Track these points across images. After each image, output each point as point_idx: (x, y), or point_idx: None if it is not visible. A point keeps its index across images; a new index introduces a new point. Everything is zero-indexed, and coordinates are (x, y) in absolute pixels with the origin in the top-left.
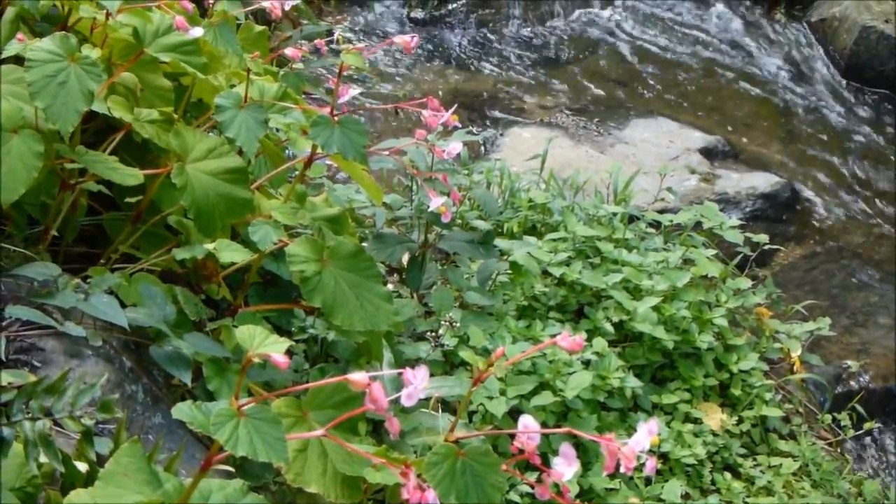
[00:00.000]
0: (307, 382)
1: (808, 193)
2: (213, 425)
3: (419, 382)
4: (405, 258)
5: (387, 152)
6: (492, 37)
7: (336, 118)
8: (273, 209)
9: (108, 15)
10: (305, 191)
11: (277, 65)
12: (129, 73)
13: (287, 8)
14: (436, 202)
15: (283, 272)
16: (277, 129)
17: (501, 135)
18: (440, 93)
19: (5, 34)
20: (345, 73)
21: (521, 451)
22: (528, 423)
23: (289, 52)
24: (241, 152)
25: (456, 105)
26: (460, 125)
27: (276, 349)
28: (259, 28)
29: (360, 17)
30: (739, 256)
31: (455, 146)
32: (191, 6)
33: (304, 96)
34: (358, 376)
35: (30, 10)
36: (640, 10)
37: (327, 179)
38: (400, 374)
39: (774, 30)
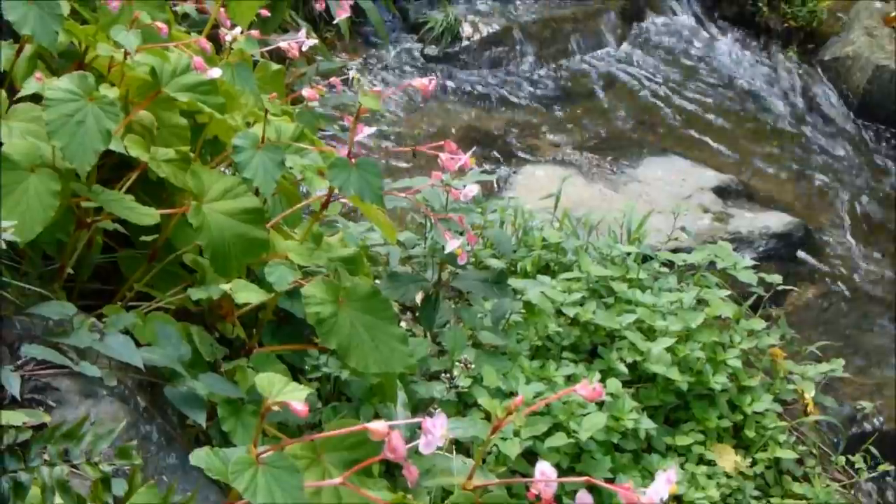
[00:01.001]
0: (320, 421)
1: (821, 233)
2: (232, 473)
3: (438, 431)
4: (419, 297)
5: (403, 195)
6: (505, 74)
7: (353, 160)
8: (289, 250)
9: (126, 54)
10: (322, 231)
11: (293, 102)
12: (145, 111)
13: (304, 49)
14: (452, 244)
15: (296, 310)
16: (291, 167)
17: (515, 172)
18: (453, 130)
19: (23, 71)
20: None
21: (538, 498)
22: (545, 469)
23: (306, 93)
24: (257, 192)
25: (471, 145)
26: (476, 166)
27: (295, 397)
28: (275, 67)
29: (374, 54)
30: (753, 297)
31: (472, 188)
32: (209, 46)
33: (318, 132)
34: (377, 425)
35: (48, 47)
36: (654, 49)
37: (341, 216)
38: (417, 422)
39: (787, 68)
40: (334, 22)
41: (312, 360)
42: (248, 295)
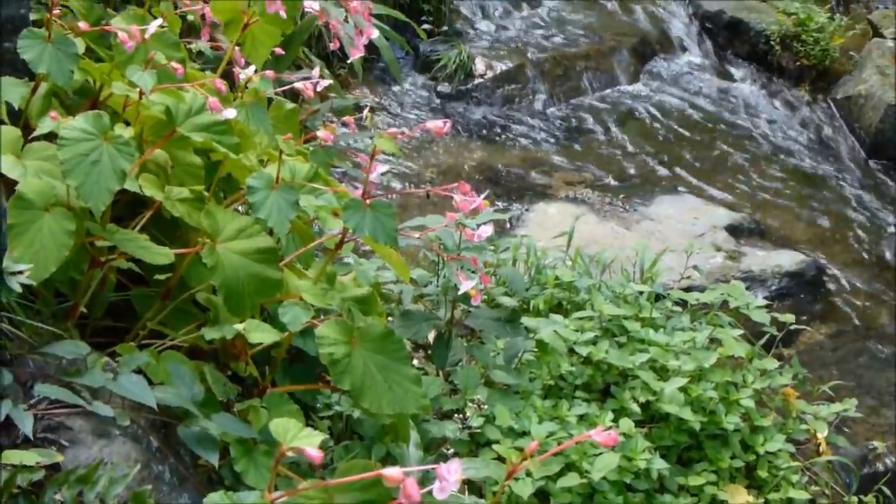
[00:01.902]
0: (332, 460)
1: (833, 272)
2: None
3: (452, 477)
4: (431, 335)
5: (417, 235)
6: (518, 112)
7: (367, 201)
8: (303, 290)
9: (141, 94)
10: (335, 271)
11: (306, 140)
12: (160, 150)
13: (319, 89)
14: (466, 285)
15: (309, 348)
16: (305, 207)
17: (527, 210)
18: (466, 166)
19: (38, 108)
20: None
21: None
22: None
23: (321, 134)
24: (271, 232)
25: (483, 182)
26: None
27: (309, 442)
28: (290, 106)
29: (387, 91)
30: (766, 337)
31: (485, 229)
32: (224, 86)
33: (331, 168)
34: (392, 472)
35: (63, 86)
36: (666, 87)
37: (353, 253)
38: (431, 467)
39: (800, 107)
40: (349, 61)
41: (325, 399)
42: (261, 335)
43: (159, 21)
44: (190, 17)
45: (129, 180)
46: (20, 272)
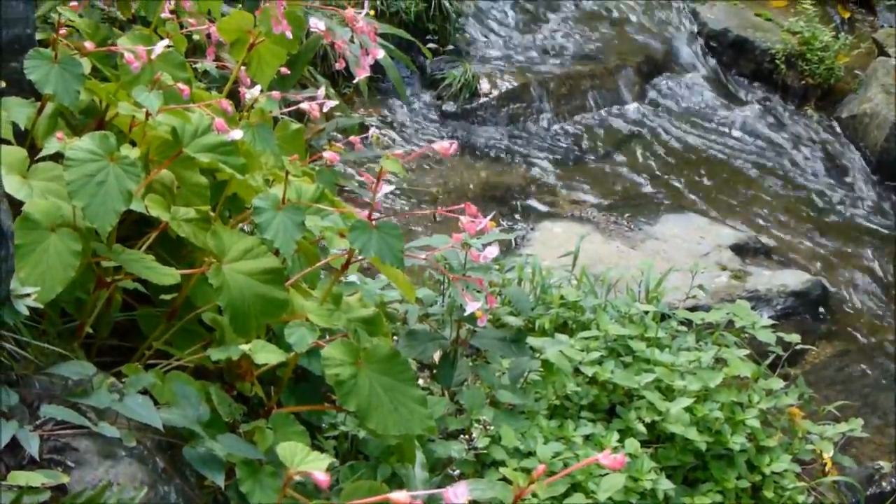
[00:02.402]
0: (338, 480)
1: (838, 291)
2: None
3: (459, 500)
4: (437, 355)
5: (423, 256)
6: (522, 131)
7: (373, 222)
8: (309, 311)
9: (147, 114)
10: (341, 291)
11: (312, 158)
12: (166, 170)
13: (325, 110)
14: (472, 306)
15: (314, 367)
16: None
17: (532, 229)
18: (471, 185)
19: (44, 128)
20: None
21: None
22: None
23: (327, 155)
24: (277, 252)
25: (488, 201)
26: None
27: (316, 466)
28: (295, 126)
29: (392, 109)
30: (772, 357)
31: (492, 250)
32: (230, 107)
33: (336, 187)
34: (399, 496)
35: (69, 107)
36: (671, 105)
37: (358, 272)
38: (438, 491)
39: (805, 125)
40: (354, 81)
41: (330, 418)
42: (267, 356)
43: (165, 42)
44: (196, 37)
45: (136, 201)
46: (27, 295)
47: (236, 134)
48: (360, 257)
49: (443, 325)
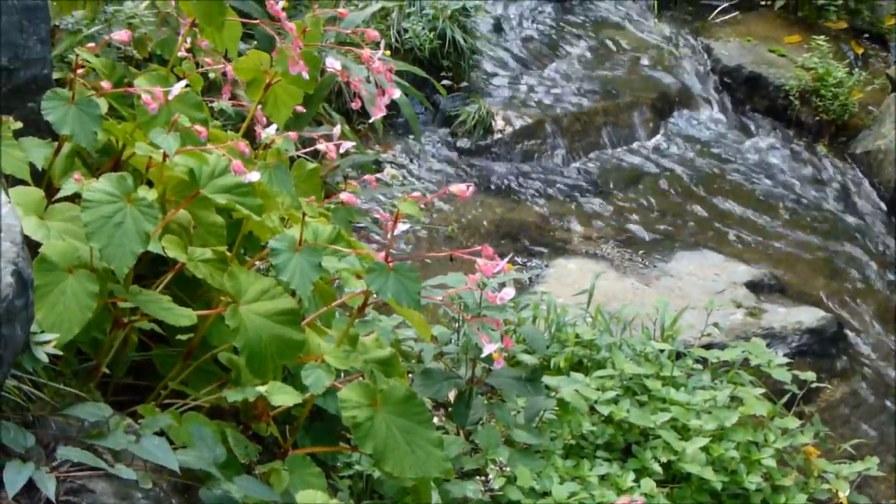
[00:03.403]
0: None
1: (853, 328)
2: None
3: None
4: (452, 394)
5: (439, 298)
6: (537, 167)
7: (390, 264)
8: (326, 353)
9: (164, 155)
10: (357, 332)
11: (327, 195)
12: (183, 210)
13: (342, 151)
14: (489, 348)
15: (329, 406)
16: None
17: (547, 266)
18: (485, 222)
19: (61, 168)
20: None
21: None
22: None
23: (344, 197)
24: (293, 292)
25: (503, 238)
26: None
27: None
28: (311, 166)
29: (406, 146)
30: (788, 396)
31: (508, 292)
32: (248, 150)
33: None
34: None
35: (86, 148)
36: (685, 142)
37: (373, 309)
38: None
39: (819, 162)
40: (370, 121)
41: (345, 458)
42: (283, 398)
43: (183, 83)
44: (211, 75)
45: (153, 241)
46: (47, 342)
47: (253, 176)
48: (377, 299)
49: (458, 363)
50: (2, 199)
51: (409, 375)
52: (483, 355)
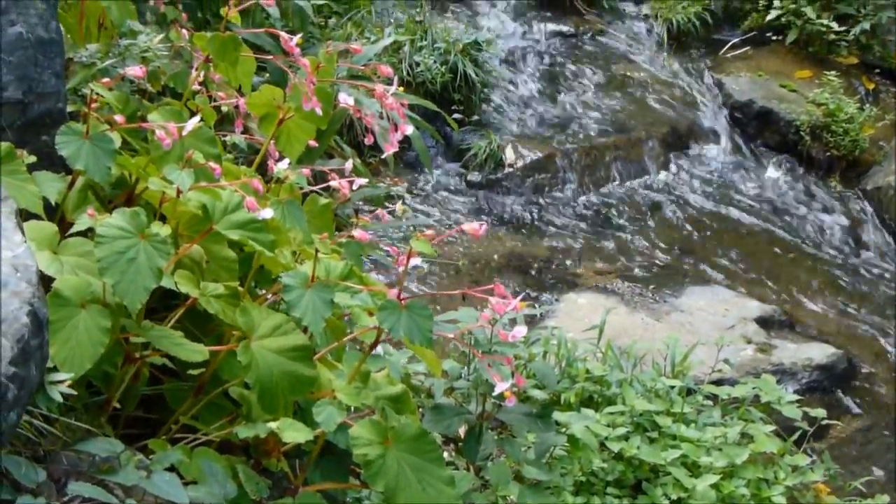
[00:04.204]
0: None
1: (863, 364)
2: None
3: None
4: (462, 429)
5: (451, 336)
6: (547, 201)
7: (403, 302)
8: (338, 390)
9: (178, 191)
10: (369, 369)
11: (338, 227)
12: (196, 245)
13: (355, 188)
14: (500, 387)
15: (340, 441)
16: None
17: (557, 300)
18: (495, 256)
19: (74, 202)
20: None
21: None
22: None
23: (357, 234)
24: (306, 329)
25: (513, 272)
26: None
27: None
28: (323, 201)
29: (417, 179)
30: (798, 433)
31: (520, 330)
32: (261, 187)
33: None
34: None
35: (100, 182)
36: (696, 176)
37: (383, 343)
38: None
39: (829, 197)
40: (383, 157)
41: (355, 494)
42: (295, 434)
43: (196, 119)
44: (224, 108)
45: (165, 276)
46: (61, 381)
47: (267, 213)
48: (389, 337)
49: (468, 398)
50: (17, 239)
51: (420, 410)
52: (495, 394)
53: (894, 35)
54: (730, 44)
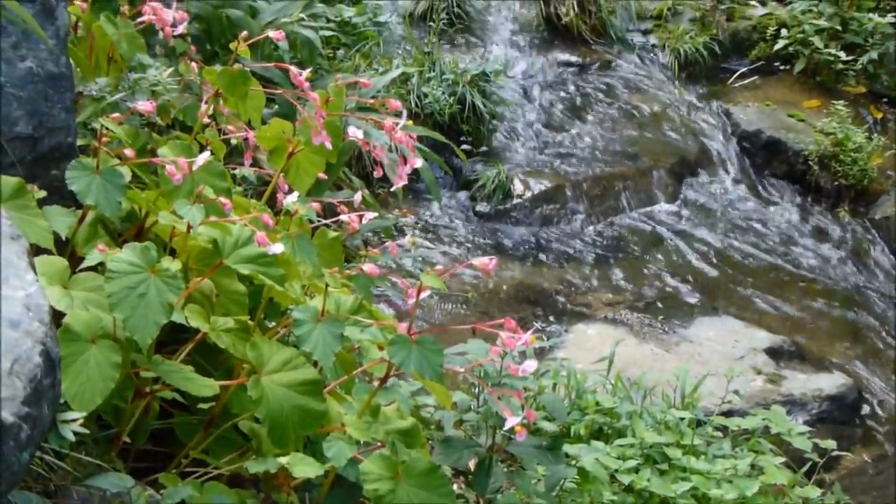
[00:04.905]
0: None
1: (873, 395)
2: None
3: None
4: (472, 462)
5: (461, 368)
6: (556, 231)
7: (413, 336)
8: (348, 424)
9: (188, 227)
10: (379, 404)
11: (347, 259)
12: (206, 279)
13: (365, 221)
14: (511, 422)
15: (350, 475)
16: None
17: (566, 331)
18: (504, 287)
19: (84, 236)
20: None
21: None
22: None
23: (366, 269)
24: (316, 363)
25: (522, 303)
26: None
27: None
28: (333, 234)
29: (426, 209)
30: (808, 465)
31: (530, 364)
32: (271, 221)
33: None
34: None
35: (110, 217)
36: (704, 206)
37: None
38: None
39: (838, 227)
40: (392, 189)
41: None
42: (305, 469)
43: (206, 155)
44: (233, 141)
45: (176, 311)
46: (73, 420)
47: (277, 248)
48: (399, 371)
49: (478, 431)
50: (30, 278)
51: (430, 442)
52: (505, 429)
53: None
54: (737, 73)
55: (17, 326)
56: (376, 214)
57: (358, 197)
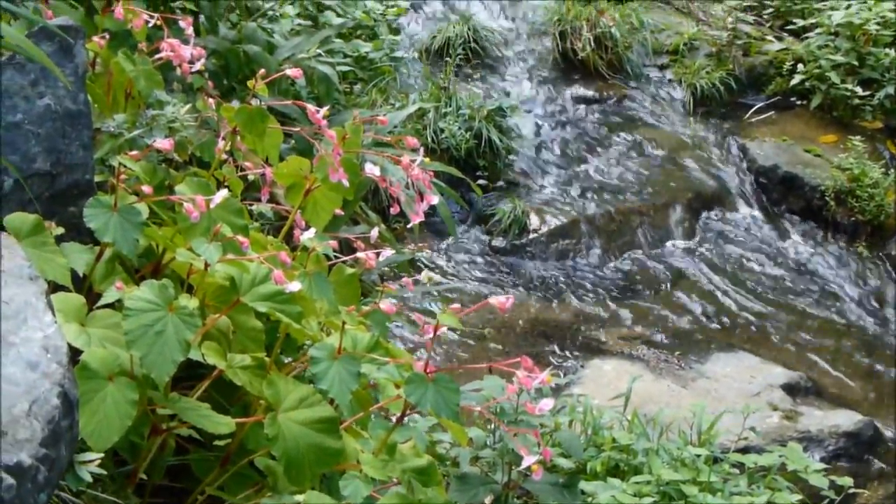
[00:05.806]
0: None
1: (890, 432)
2: None
3: None
4: (488, 499)
5: (477, 406)
6: (572, 267)
7: (430, 374)
8: (364, 463)
9: (206, 264)
10: (396, 441)
11: (362, 293)
12: (223, 316)
13: (381, 259)
14: (528, 461)
15: None
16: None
17: (582, 367)
18: (520, 322)
19: (101, 273)
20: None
21: None
22: None
23: (384, 306)
24: (332, 401)
25: (538, 338)
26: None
27: None
28: (350, 271)
29: (441, 244)
30: (825, 502)
31: (546, 402)
32: (289, 259)
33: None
34: None
35: (127, 255)
36: (721, 242)
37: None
38: None
39: (855, 263)
40: (409, 226)
41: None
42: None
43: (224, 192)
44: (251, 176)
45: (193, 348)
46: (91, 461)
47: (294, 286)
48: (415, 410)
49: (494, 467)
50: (48, 319)
51: (445, 479)
52: (521, 467)
53: None
54: (754, 108)
55: (36, 368)
56: (393, 251)
57: (374, 232)
